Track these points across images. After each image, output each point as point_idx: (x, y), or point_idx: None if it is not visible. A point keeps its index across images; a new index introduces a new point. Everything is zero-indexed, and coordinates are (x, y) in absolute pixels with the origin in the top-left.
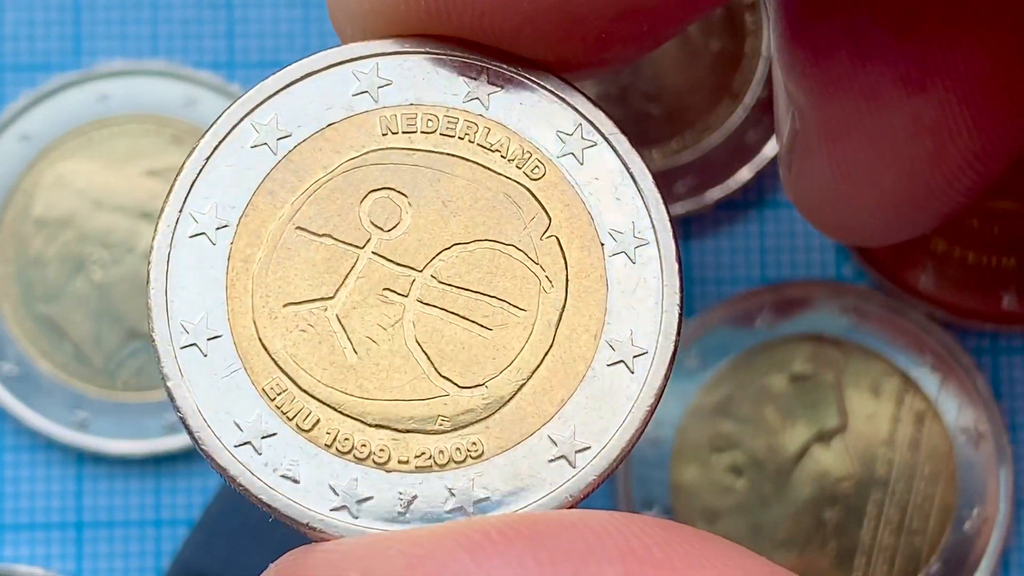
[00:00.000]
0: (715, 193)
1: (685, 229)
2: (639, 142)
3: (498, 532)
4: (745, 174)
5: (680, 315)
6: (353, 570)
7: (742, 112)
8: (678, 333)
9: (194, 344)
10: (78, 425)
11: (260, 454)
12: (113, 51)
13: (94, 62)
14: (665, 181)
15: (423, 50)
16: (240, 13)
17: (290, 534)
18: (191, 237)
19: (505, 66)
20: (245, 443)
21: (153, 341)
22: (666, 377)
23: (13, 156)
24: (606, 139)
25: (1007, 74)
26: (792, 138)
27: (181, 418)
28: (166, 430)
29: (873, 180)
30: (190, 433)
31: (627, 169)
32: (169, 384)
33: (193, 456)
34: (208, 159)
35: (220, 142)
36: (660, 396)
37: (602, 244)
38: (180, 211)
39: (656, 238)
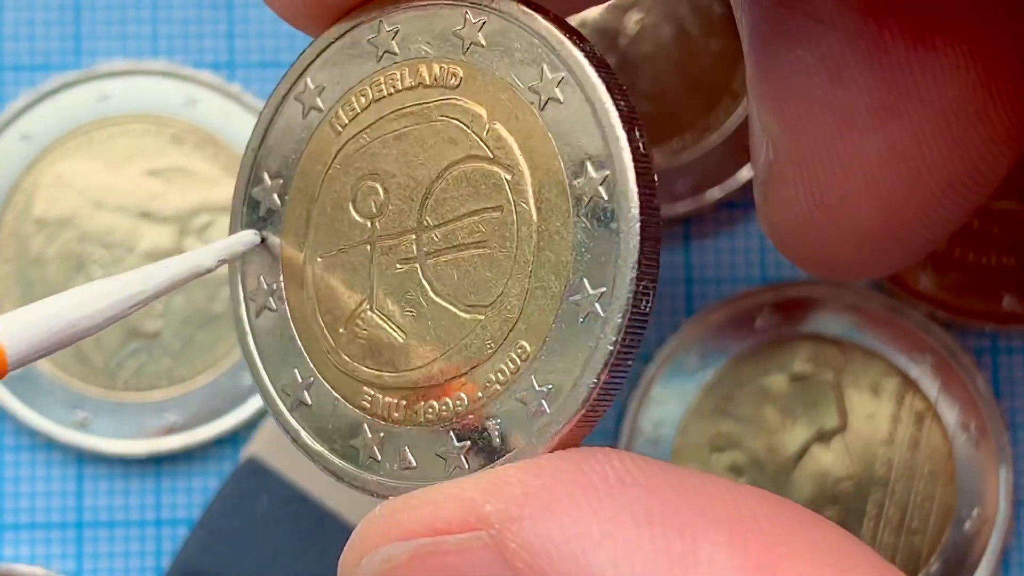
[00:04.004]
0: (715, 193)
1: (685, 229)
2: None
3: (617, 476)
4: (745, 174)
5: (634, 122)
6: (473, 491)
7: (742, 112)
8: (636, 140)
9: (300, 402)
10: (78, 425)
11: (380, 462)
12: (113, 51)
13: (94, 62)
14: (665, 181)
15: (330, 41)
16: (240, 13)
17: (289, 533)
18: (258, 315)
19: (391, 9)
20: (369, 460)
21: (277, 416)
22: (641, 189)
23: (13, 156)
24: (492, 9)
25: (981, 102)
26: (766, 167)
27: (323, 467)
28: (166, 430)
29: (848, 210)
30: (334, 476)
31: (522, 27)
32: (297, 444)
33: (193, 456)
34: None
35: (235, 220)
36: (645, 209)
37: (530, 103)
38: (242, 297)
39: (569, 69)
